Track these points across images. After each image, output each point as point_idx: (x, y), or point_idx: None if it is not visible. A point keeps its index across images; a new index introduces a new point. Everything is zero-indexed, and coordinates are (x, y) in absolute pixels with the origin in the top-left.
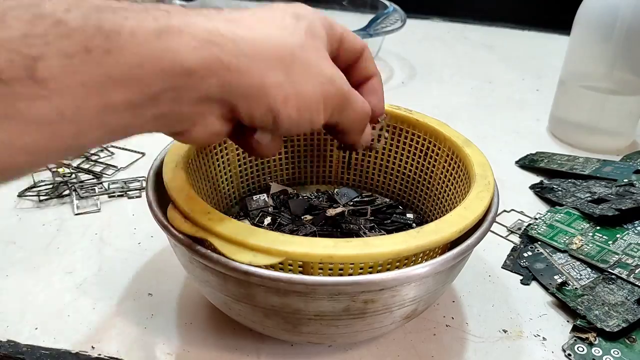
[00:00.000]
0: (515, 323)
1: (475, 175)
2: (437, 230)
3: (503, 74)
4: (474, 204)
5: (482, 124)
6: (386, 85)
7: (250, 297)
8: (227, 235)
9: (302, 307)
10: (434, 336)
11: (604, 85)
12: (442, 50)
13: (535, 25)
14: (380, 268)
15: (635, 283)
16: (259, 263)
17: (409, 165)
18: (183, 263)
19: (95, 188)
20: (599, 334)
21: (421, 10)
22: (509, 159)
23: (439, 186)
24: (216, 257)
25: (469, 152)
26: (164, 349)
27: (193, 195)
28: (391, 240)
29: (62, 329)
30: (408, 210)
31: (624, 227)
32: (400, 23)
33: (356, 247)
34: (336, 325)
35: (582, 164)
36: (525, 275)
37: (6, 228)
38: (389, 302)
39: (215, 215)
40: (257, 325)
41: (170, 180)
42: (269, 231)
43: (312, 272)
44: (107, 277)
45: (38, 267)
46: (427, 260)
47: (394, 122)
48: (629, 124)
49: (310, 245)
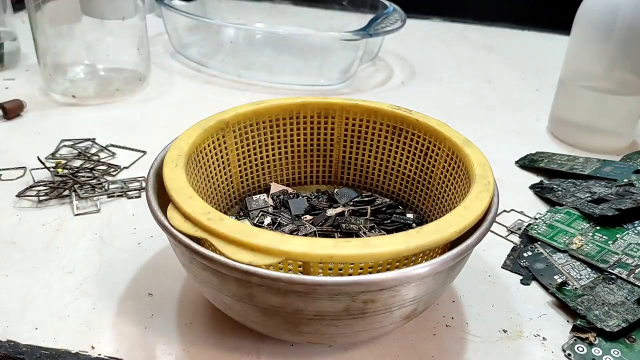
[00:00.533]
0: (515, 323)
1: (475, 175)
2: (437, 230)
3: (503, 74)
4: (474, 204)
5: (482, 124)
6: (386, 85)
7: (250, 297)
8: (227, 235)
9: (302, 307)
10: (434, 336)
11: (603, 85)
12: (442, 51)
13: (535, 25)
14: (380, 268)
15: (635, 283)
16: (259, 263)
17: (409, 165)
18: (183, 263)
19: (95, 188)
20: (599, 334)
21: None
22: (509, 159)
23: (439, 186)
24: (216, 257)
25: (469, 152)
26: (164, 349)
27: (193, 195)
28: (391, 240)
29: (62, 329)
30: (408, 210)
31: (624, 227)
32: (400, 23)
33: (356, 247)
34: (336, 325)
35: (582, 164)
36: (525, 275)
37: (6, 228)
38: (389, 302)
39: (215, 215)
40: (257, 326)
41: (170, 181)
42: (268, 231)
43: (312, 272)
44: (107, 277)
45: (38, 267)
46: (427, 260)
47: (394, 123)
48: (629, 124)
49: (310, 245)
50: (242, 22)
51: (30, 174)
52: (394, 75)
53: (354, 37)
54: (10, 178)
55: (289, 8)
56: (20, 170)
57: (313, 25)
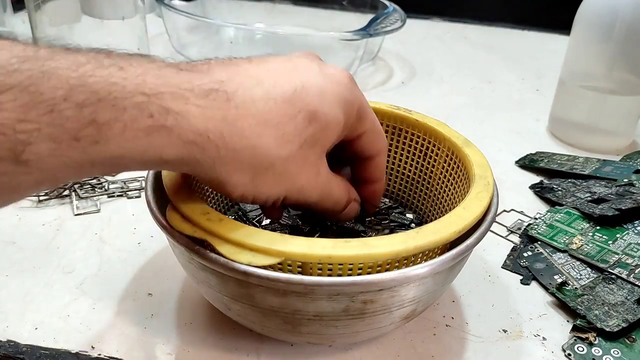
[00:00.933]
0: (515, 323)
1: (475, 175)
2: (436, 230)
3: (503, 74)
4: (473, 204)
5: (482, 124)
6: (386, 85)
7: (249, 297)
8: (226, 235)
9: (301, 308)
10: (434, 336)
11: (603, 85)
12: (442, 50)
13: (535, 25)
14: (379, 268)
15: (635, 283)
16: (258, 263)
17: (409, 165)
18: (182, 263)
19: (95, 188)
20: (599, 333)
21: (421, 10)
22: (509, 159)
23: (438, 186)
24: (215, 258)
25: (468, 152)
26: (164, 349)
27: (192, 195)
28: (390, 241)
29: (62, 329)
30: (408, 211)
31: (623, 227)
32: (400, 23)
33: (355, 247)
34: (335, 325)
35: (582, 163)
36: (525, 275)
37: (6, 228)
38: (388, 303)
39: (214, 216)
40: (257, 326)
41: (169, 181)
42: (267, 231)
43: (311, 273)
44: (107, 277)
45: (38, 267)
46: (426, 260)
47: (394, 123)
48: (629, 124)
49: (309, 245)
50: (242, 22)
51: None
52: (394, 75)
53: (354, 37)
54: None
55: (289, 8)
56: None
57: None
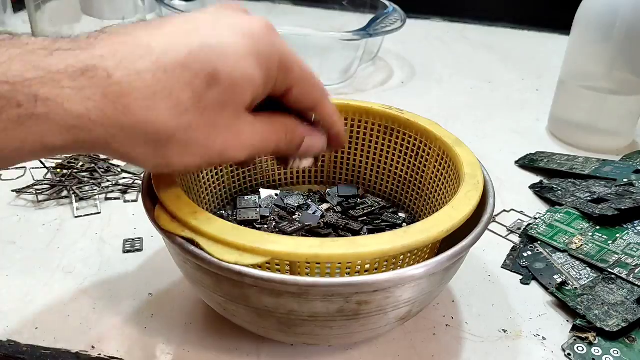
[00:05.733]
0: (514, 323)
1: (465, 174)
2: (424, 229)
3: (503, 74)
4: (462, 203)
5: (482, 123)
6: (385, 85)
7: (243, 298)
8: (213, 234)
9: (295, 308)
10: (433, 336)
11: (603, 85)
12: (441, 50)
13: (535, 25)
14: (374, 270)
15: (635, 283)
16: (245, 263)
17: (401, 165)
18: (178, 263)
19: (95, 189)
20: (599, 333)
21: (421, 10)
22: (509, 159)
23: (429, 186)
24: (209, 258)
25: (459, 151)
26: (164, 349)
27: (180, 195)
28: (378, 240)
29: (62, 329)
30: (400, 210)
31: (623, 226)
32: (400, 23)
33: (342, 246)
34: (330, 326)
35: (582, 163)
36: (525, 275)
37: (6, 228)
38: (383, 304)
39: (202, 215)
40: (252, 326)
41: (158, 180)
42: (255, 231)
43: (299, 272)
44: (107, 277)
45: (38, 267)
46: (416, 259)
47: (385, 122)
48: (629, 124)
49: (296, 244)
50: None
51: (30, 173)
52: (394, 75)
53: (354, 37)
54: (10, 178)
55: (289, 8)
56: (20, 170)
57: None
